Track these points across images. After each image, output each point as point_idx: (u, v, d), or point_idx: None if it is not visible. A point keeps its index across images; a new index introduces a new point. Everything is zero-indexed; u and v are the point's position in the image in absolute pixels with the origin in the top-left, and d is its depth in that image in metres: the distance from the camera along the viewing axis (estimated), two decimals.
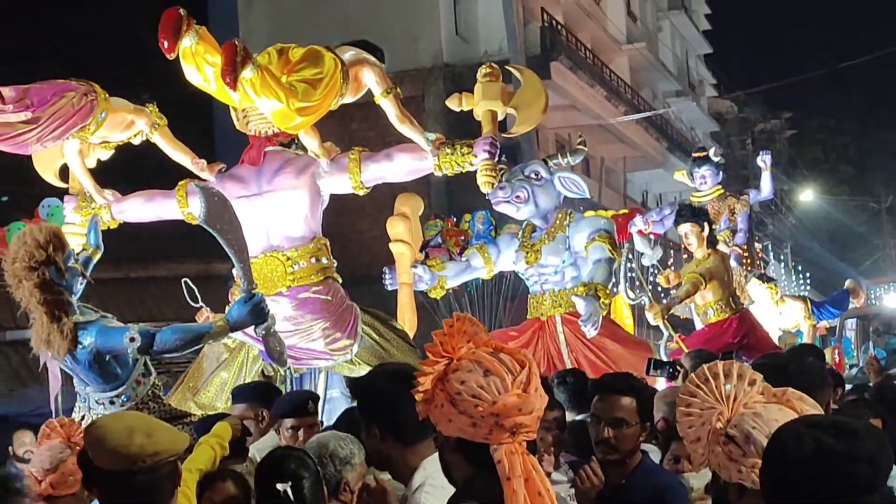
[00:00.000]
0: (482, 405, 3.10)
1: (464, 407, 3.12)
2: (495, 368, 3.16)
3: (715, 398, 3.27)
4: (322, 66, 7.28)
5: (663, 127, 40.29)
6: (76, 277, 6.21)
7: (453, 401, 3.14)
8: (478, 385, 3.13)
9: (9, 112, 7.09)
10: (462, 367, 3.18)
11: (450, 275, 9.63)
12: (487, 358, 3.18)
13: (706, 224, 10.85)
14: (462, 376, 3.16)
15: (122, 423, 3.69)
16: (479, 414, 3.11)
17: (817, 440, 2.77)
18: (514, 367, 3.18)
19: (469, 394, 3.12)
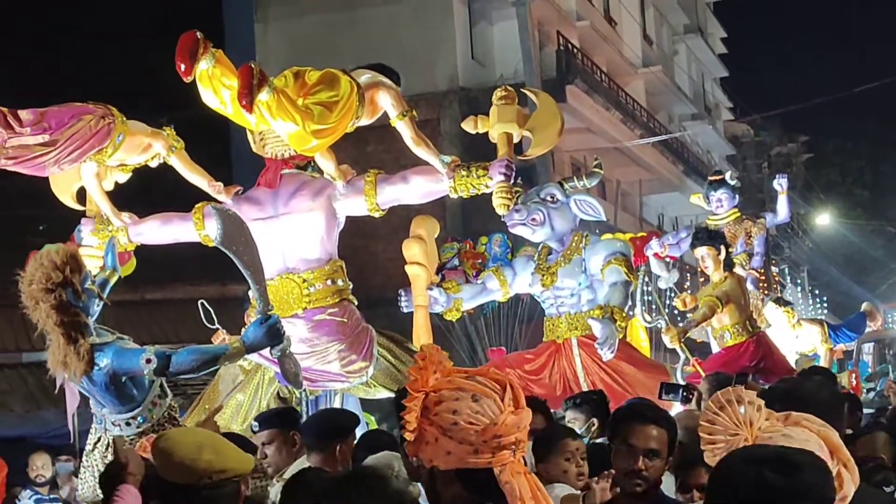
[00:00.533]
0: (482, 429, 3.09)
1: (463, 435, 3.10)
2: (483, 391, 3.15)
3: (734, 423, 3.23)
4: (338, 89, 7.29)
5: (679, 150, 40.26)
6: (93, 299, 6.21)
7: (448, 432, 3.12)
8: (472, 411, 3.12)
9: (26, 135, 7.11)
10: (446, 398, 3.17)
11: (465, 297, 9.62)
12: (469, 383, 3.17)
13: (723, 247, 10.83)
14: (452, 406, 3.14)
15: (192, 438, 3.71)
16: (480, 439, 3.10)
17: (758, 475, 2.76)
18: (496, 387, 3.18)
19: (466, 421, 3.11)
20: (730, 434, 3.22)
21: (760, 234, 13.37)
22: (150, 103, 11.15)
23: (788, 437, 3.18)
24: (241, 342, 6.31)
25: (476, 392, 3.15)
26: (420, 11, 28.10)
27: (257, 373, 7.93)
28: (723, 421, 3.24)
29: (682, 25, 46.85)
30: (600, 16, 36.71)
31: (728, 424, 3.23)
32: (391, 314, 9.88)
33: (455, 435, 3.11)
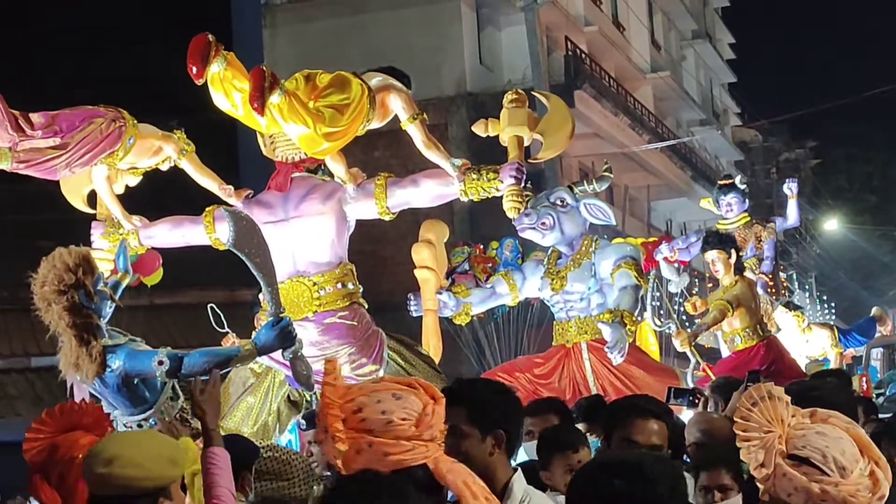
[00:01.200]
0: (416, 422, 3.11)
1: (398, 432, 3.12)
2: (399, 389, 3.18)
3: (767, 420, 3.22)
4: (349, 92, 7.29)
5: (687, 156, 40.23)
6: (105, 301, 6.22)
7: (382, 433, 3.13)
8: (401, 408, 3.14)
9: (38, 138, 7.13)
10: (366, 403, 3.19)
11: (475, 301, 9.62)
12: (381, 385, 3.20)
13: (733, 251, 10.81)
14: (378, 407, 3.17)
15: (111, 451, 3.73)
16: (416, 433, 3.11)
17: (608, 483, 2.82)
18: (406, 385, 3.21)
19: (400, 417, 3.12)
20: (764, 431, 3.20)
21: (770, 238, 13.36)
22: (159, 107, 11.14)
23: (822, 434, 3.17)
24: (252, 344, 6.32)
25: (394, 391, 3.18)
26: (428, 16, 28.10)
27: (268, 375, 7.93)
28: (756, 417, 3.22)
29: (691, 31, 46.84)
30: (608, 21, 36.72)
31: (762, 421, 3.21)
32: (400, 318, 9.88)
33: (390, 433, 3.13)
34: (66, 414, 4.19)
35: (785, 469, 3.14)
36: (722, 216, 13.47)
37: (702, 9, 49.60)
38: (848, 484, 3.06)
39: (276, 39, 29.28)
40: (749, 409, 3.25)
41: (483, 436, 4.01)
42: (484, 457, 4.01)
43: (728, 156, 48.99)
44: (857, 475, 3.09)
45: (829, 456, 3.10)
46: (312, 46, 27.38)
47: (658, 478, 2.86)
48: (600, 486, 2.84)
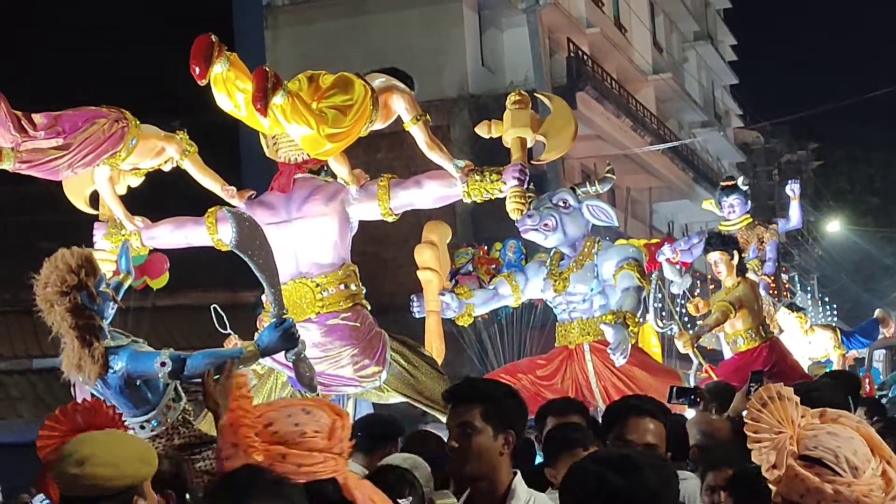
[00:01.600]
0: (327, 434, 3.13)
1: (311, 444, 3.14)
2: (308, 405, 3.22)
3: (778, 420, 3.19)
4: (352, 93, 7.29)
5: (689, 157, 40.24)
6: (108, 302, 6.21)
7: (296, 445, 3.16)
8: (313, 421, 3.17)
9: (40, 138, 7.12)
10: (277, 417, 3.22)
11: (477, 302, 9.62)
12: (289, 402, 3.26)
13: (736, 252, 10.82)
14: (291, 420, 3.21)
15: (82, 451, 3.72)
16: (327, 445, 3.13)
17: (601, 476, 2.85)
18: (310, 402, 3.25)
19: (312, 430, 3.15)
20: (775, 431, 3.18)
21: (773, 239, 13.37)
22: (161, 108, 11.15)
23: (834, 434, 3.14)
24: (255, 346, 6.30)
25: (303, 406, 3.22)
26: (430, 18, 28.10)
27: (270, 377, 7.92)
28: (767, 418, 3.19)
29: (692, 33, 46.85)
30: (610, 23, 36.74)
31: (772, 422, 3.19)
32: (403, 320, 9.88)
33: (303, 445, 3.15)
34: (81, 413, 4.18)
35: (797, 470, 3.10)
36: (724, 218, 13.48)
37: (703, 10, 49.61)
38: (861, 484, 3.04)
39: (278, 41, 29.29)
40: (759, 409, 3.22)
41: (496, 434, 4.04)
42: (494, 455, 4.04)
43: (730, 157, 49.00)
44: (869, 475, 3.07)
45: (841, 456, 3.07)
46: (314, 48, 27.39)
47: (650, 472, 2.88)
48: (593, 479, 2.86)
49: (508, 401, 4.24)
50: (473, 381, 4.41)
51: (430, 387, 7.95)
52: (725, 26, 53.62)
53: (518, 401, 4.30)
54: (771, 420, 3.19)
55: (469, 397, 4.20)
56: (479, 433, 4.08)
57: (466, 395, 4.22)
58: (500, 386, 4.40)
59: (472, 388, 4.33)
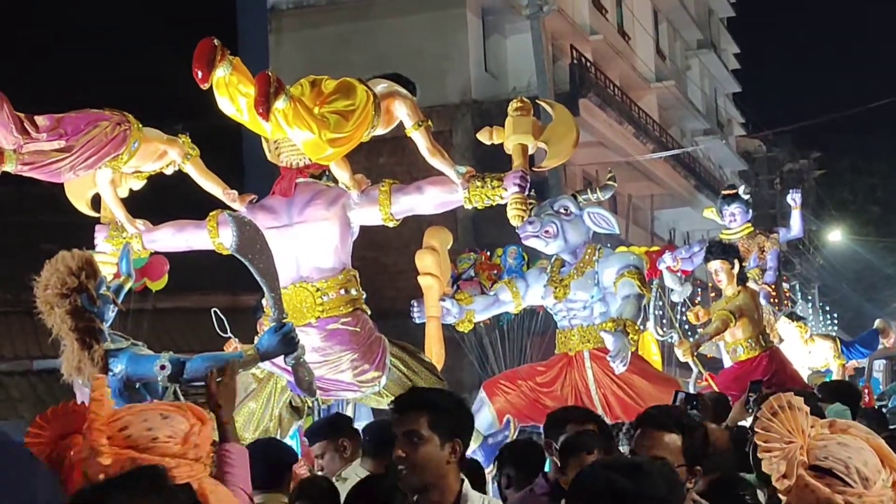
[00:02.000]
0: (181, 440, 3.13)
1: (164, 450, 3.13)
2: (167, 410, 3.21)
3: (788, 430, 3.18)
4: (354, 98, 7.29)
5: (691, 165, 40.26)
6: (108, 305, 6.22)
7: (148, 449, 3.16)
8: (168, 426, 3.17)
9: (43, 140, 7.12)
10: (132, 421, 3.22)
11: (478, 309, 9.62)
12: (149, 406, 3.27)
13: (736, 261, 10.82)
14: (145, 425, 3.21)
15: None
16: (181, 451, 3.14)
17: (609, 479, 2.88)
18: (171, 407, 3.25)
19: (166, 435, 3.15)
20: (785, 441, 3.16)
21: (774, 248, 13.37)
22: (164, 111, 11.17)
23: (844, 445, 3.13)
24: (255, 350, 6.31)
25: (161, 411, 3.22)
26: (434, 23, 28.12)
27: (270, 381, 7.92)
28: (777, 428, 3.18)
29: (696, 41, 46.88)
30: (614, 30, 36.75)
31: (783, 431, 3.17)
32: (403, 325, 9.88)
33: (155, 450, 3.15)
34: (63, 417, 4.18)
35: (807, 480, 3.10)
36: (725, 226, 13.47)
37: (707, 19, 49.63)
38: (871, 495, 3.04)
39: (282, 45, 29.31)
40: (770, 419, 3.21)
41: (442, 443, 4.06)
42: (441, 464, 4.06)
43: (732, 166, 49.03)
44: (880, 486, 3.06)
45: (851, 467, 3.06)
46: (318, 52, 27.40)
47: (659, 478, 2.91)
48: (601, 481, 2.89)
49: (455, 410, 4.25)
50: (419, 391, 4.42)
51: None
52: (728, 35, 53.67)
53: (465, 411, 4.33)
54: (781, 430, 3.18)
55: (415, 406, 4.20)
56: (425, 442, 4.09)
57: (412, 404, 4.22)
58: (447, 395, 4.42)
59: (418, 396, 4.35)
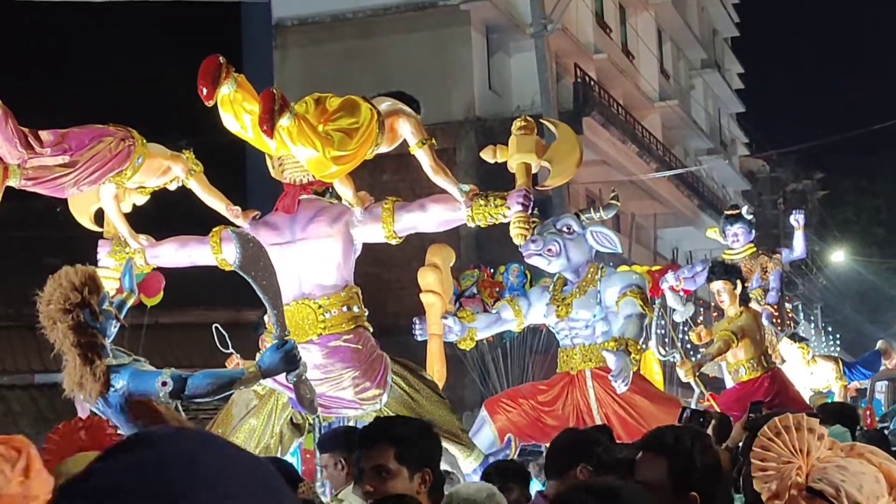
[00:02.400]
0: None
1: None
2: None
3: (790, 451, 3.16)
4: (358, 116, 7.31)
5: (695, 184, 40.25)
6: (110, 320, 6.22)
7: None
8: None
9: (47, 155, 7.14)
10: None
11: (480, 326, 9.62)
12: None
13: (739, 282, 10.83)
14: None
15: None
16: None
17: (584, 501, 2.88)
18: (11, 454, 3.17)
19: None
20: (783, 461, 3.15)
21: (776, 269, 13.36)
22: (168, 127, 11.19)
23: (843, 468, 3.12)
24: (257, 367, 6.31)
25: None
26: (438, 41, 28.19)
27: (271, 398, 7.91)
28: (777, 448, 3.17)
29: (700, 60, 46.92)
30: (618, 49, 36.80)
31: (782, 451, 3.16)
32: (403, 343, 9.88)
33: None
34: (85, 430, 4.16)
35: (798, 502, 3.10)
36: (728, 246, 13.47)
37: (711, 38, 49.70)
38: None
39: (287, 61, 29.38)
40: (770, 439, 3.20)
41: (411, 475, 4.01)
42: (413, 493, 3.99)
43: (735, 185, 49.03)
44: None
45: (843, 491, 3.04)
46: (322, 69, 27.46)
47: (634, 501, 2.89)
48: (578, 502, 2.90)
49: (423, 439, 4.21)
50: (385, 422, 4.34)
51: (431, 411, 7.95)
52: (733, 54, 53.75)
53: (432, 438, 4.27)
54: (781, 450, 3.17)
55: (381, 439, 4.15)
56: (393, 476, 4.06)
57: (379, 437, 4.16)
58: (413, 424, 4.36)
59: (384, 429, 4.26)
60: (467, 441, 8.15)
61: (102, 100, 24.38)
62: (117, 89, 26.65)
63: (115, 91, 26.20)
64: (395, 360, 8.10)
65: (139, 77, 27.83)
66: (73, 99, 24.14)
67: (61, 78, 27.39)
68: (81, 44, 28.53)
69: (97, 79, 27.42)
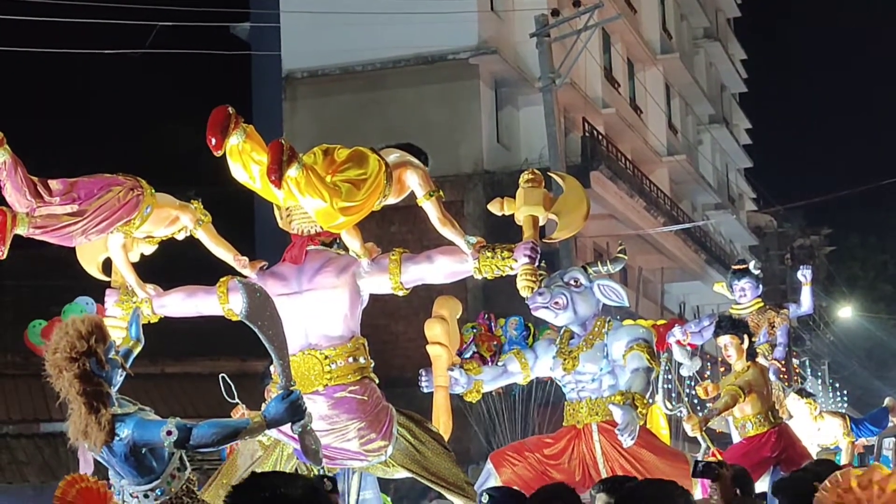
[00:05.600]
0: None
1: None
2: None
3: None
4: (366, 167, 7.33)
5: (702, 239, 40.29)
6: (116, 369, 6.22)
7: None
8: None
9: (55, 204, 7.17)
10: None
11: (486, 379, 9.58)
12: None
13: (746, 336, 10.81)
14: None
15: None
16: None
17: None
18: None
19: None
20: None
21: (784, 324, 13.32)
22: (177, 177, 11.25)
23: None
24: (262, 417, 6.29)
25: None
26: (447, 94, 28.35)
27: (276, 448, 7.90)
28: None
29: (708, 115, 47.12)
30: (626, 104, 36.97)
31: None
32: (411, 394, 9.85)
33: None
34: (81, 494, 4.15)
35: None
36: (735, 301, 13.45)
37: (719, 94, 49.93)
38: None
39: (296, 112, 29.54)
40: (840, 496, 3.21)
41: None
42: None
43: (743, 240, 49.07)
44: None
45: None
46: (332, 120, 27.62)
47: None
48: None
49: None
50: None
51: (436, 463, 7.93)
52: (741, 110, 53.99)
53: None
54: None
55: None
56: None
57: None
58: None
59: None
60: (472, 494, 8.11)
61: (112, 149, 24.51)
62: (127, 138, 26.81)
63: (125, 140, 26.36)
64: (400, 411, 8.08)
65: (149, 126, 27.99)
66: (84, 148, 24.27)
67: (71, 127, 27.54)
68: (92, 93, 28.71)
69: (107, 128, 27.58)
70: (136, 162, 10.67)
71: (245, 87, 32.78)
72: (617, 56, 36.24)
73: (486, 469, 9.35)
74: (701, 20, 47.20)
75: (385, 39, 27.98)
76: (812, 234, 55.18)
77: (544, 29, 24.41)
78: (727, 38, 51.65)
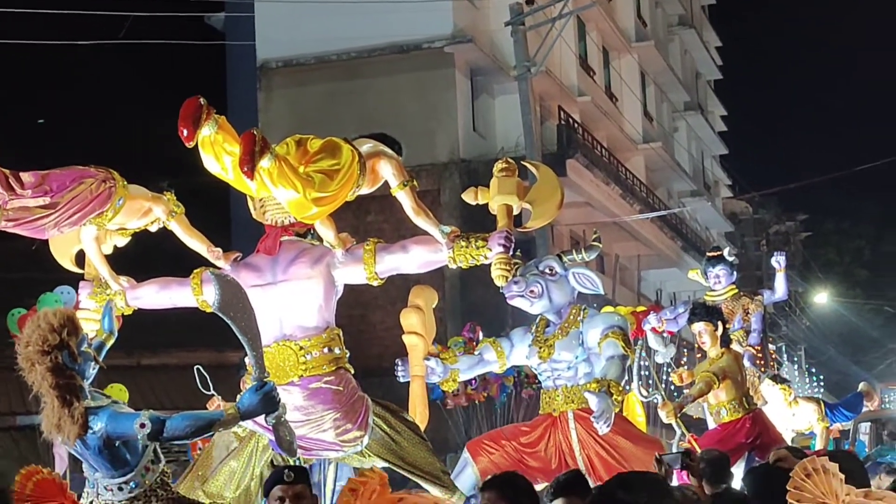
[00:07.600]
0: None
1: None
2: None
3: (822, 492, 3.21)
4: (340, 158, 7.32)
5: (678, 226, 40.42)
6: (89, 362, 6.20)
7: None
8: None
9: (27, 197, 7.13)
10: None
11: (462, 368, 9.59)
12: None
13: (720, 323, 10.87)
14: None
15: None
16: None
17: None
18: None
19: None
20: (818, 502, 3.20)
21: (758, 311, 13.37)
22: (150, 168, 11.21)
23: None
24: (236, 409, 6.28)
25: None
26: (422, 83, 28.33)
27: (251, 440, 7.88)
28: (811, 489, 3.22)
29: (683, 103, 47.23)
30: (601, 92, 37.01)
31: (816, 492, 3.21)
32: (386, 384, 9.87)
33: None
34: None
35: None
36: (710, 288, 13.49)
37: (694, 81, 50.04)
38: None
39: (271, 102, 29.47)
40: (803, 479, 3.25)
41: None
42: None
43: (718, 227, 49.23)
44: None
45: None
46: (307, 110, 27.56)
47: None
48: None
49: None
50: None
51: (412, 452, 7.93)
52: (716, 97, 54.12)
53: None
54: (815, 490, 3.21)
55: None
56: None
57: None
58: None
59: None
60: (449, 483, 8.12)
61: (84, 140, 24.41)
62: (99, 130, 26.69)
63: (97, 131, 26.24)
64: (376, 401, 8.08)
65: (121, 117, 27.87)
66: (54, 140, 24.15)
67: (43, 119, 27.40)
68: (63, 84, 28.56)
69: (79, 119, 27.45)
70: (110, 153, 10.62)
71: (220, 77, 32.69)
72: (592, 44, 36.28)
73: (463, 458, 9.36)
74: (675, 7, 47.30)
75: (360, 28, 27.93)
76: (787, 220, 55.42)
77: (519, 17, 24.43)
78: (702, 25, 51.76)
